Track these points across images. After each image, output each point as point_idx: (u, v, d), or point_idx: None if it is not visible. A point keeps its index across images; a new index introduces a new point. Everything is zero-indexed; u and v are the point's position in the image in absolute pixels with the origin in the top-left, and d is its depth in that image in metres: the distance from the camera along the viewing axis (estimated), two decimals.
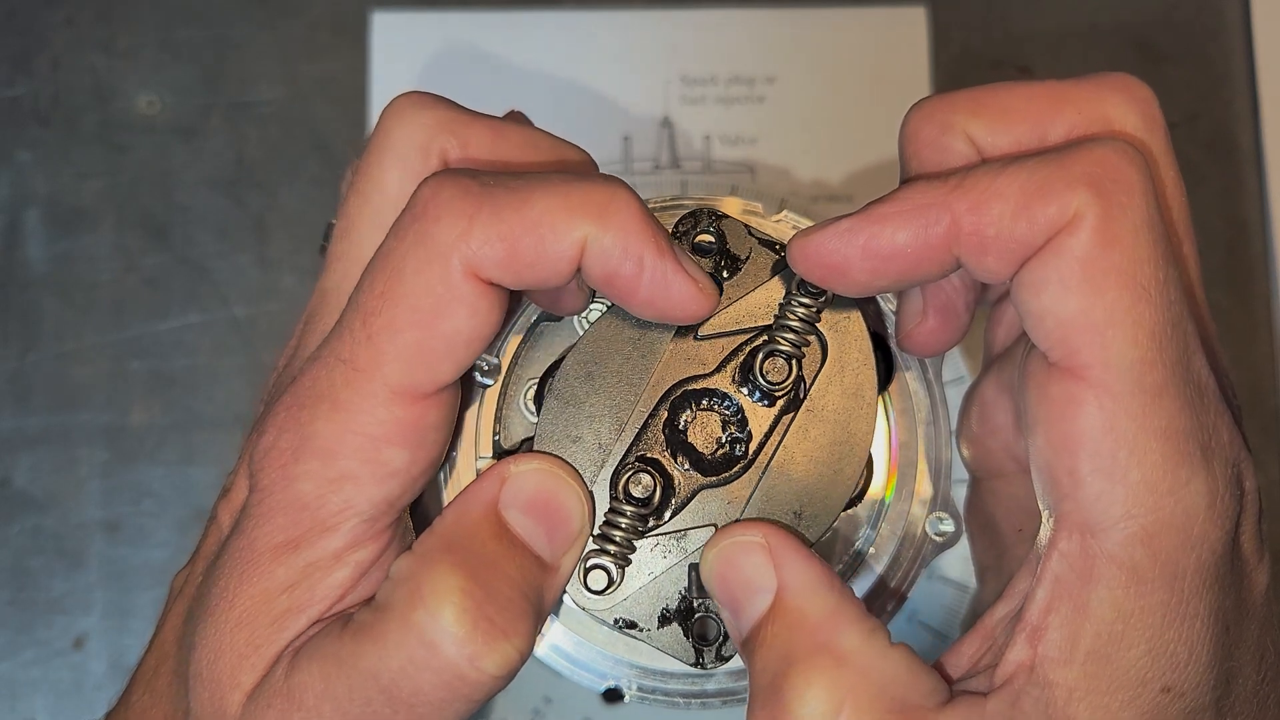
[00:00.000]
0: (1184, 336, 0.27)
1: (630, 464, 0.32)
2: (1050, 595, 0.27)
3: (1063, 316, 0.27)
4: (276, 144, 0.56)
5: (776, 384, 0.32)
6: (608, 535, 0.32)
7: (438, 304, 0.28)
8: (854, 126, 0.55)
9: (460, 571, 0.28)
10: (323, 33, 0.57)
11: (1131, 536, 0.26)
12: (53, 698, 0.51)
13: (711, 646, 0.33)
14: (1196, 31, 0.56)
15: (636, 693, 0.36)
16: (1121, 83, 0.30)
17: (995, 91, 0.30)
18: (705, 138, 0.55)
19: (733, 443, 0.33)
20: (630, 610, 0.32)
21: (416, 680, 0.28)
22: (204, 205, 0.55)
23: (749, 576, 0.30)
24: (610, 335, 0.32)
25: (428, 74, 0.56)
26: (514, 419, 0.35)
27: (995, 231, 0.27)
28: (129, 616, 0.52)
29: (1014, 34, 0.57)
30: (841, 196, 0.54)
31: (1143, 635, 0.27)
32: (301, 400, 0.29)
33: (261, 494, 0.30)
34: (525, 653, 0.28)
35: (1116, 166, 0.27)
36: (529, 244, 0.28)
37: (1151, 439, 0.26)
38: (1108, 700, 0.27)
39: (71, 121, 0.56)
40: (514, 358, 0.35)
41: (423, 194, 0.29)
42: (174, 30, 0.57)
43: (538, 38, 0.56)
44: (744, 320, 0.33)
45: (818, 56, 0.56)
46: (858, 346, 0.33)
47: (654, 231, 0.29)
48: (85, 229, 0.55)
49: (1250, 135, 0.55)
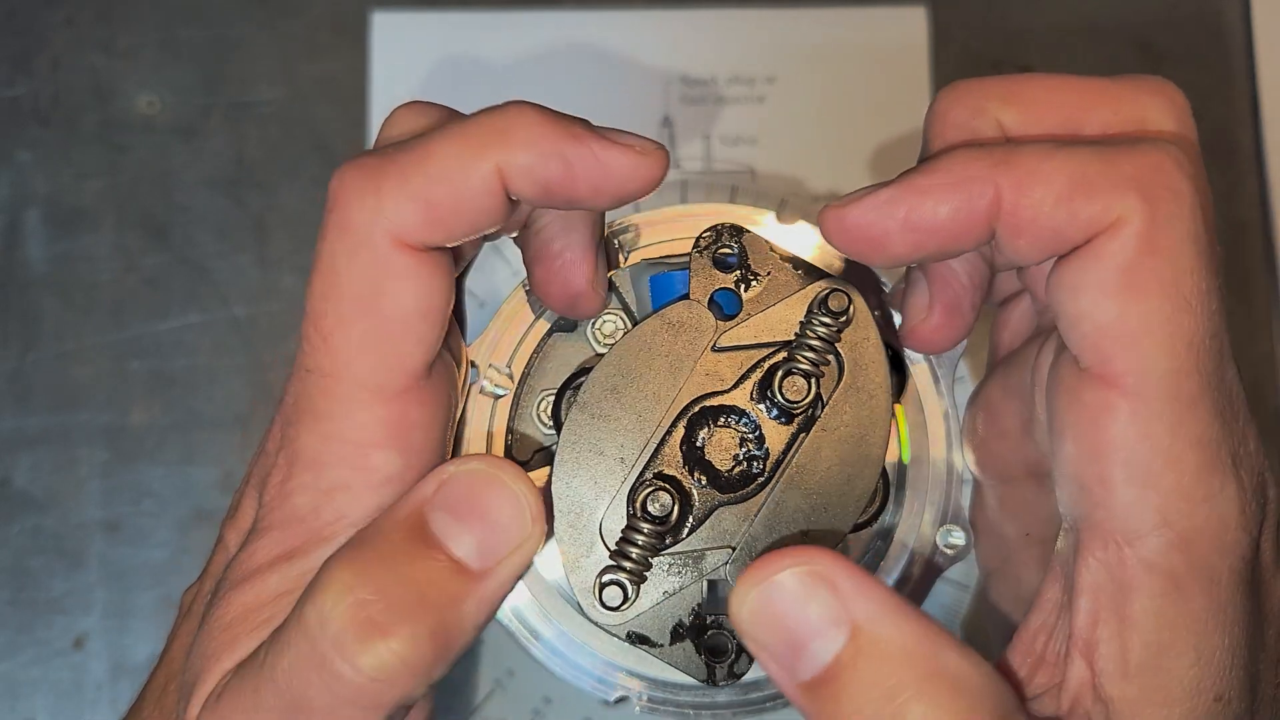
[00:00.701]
0: (1220, 347, 0.27)
1: (648, 480, 0.32)
2: (1093, 606, 0.27)
3: (1100, 322, 0.26)
4: (276, 144, 0.56)
5: (795, 402, 0.32)
6: (624, 552, 0.31)
7: (376, 286, 0.28)
8: (854, 126, 0.55)
9: (351, 567, 0.27)
10: (323, 33, 0.57)
11: (1168, 543, 0.26)
12: (53, 698, 0.51)
13: (724, 663, 0.32)
14: (1196, 31, 0.56)
15: (646, 704, 0.36)
16: (1159, 86, 0.29)
17: (1030, 81, 0.30)
18: (705, 138, 0.55)
19: (750, 460, 0.32)
20: (643, 625, 0.32)
21: (304, 681, 0.27)
22: (204, 205, 0.55)
23: (812, 614, 0.26)
24: (638, 349, 0.32)
25: (428, 74, 0.56)
26: (527, 430, 0.35)
27: (1033, 216, 0.27)
28: (129, 616, 0.52)
29: (1014, 34, 0.57)
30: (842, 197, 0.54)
31: (1189, 643, 0.26)
32: (288, 416, 0.29)
33: (264, 511, 0.29)
34: (408, 657, 0.26)
35: (1167, 172, 0.26)
36: (444, 194, 0.27)
37: (1186, 447, 0.26)
38: (1167, 713, 0.26)
39: (71, 121, 0.56)
40: (526, 369, 0.35)
41: (331, 186, 0.28)
42: (174, 30, 0.57)
43: (538, 38, 0.56)
44: (763, 335, 0.32)
45: (818, 56, 0.56)
46: (875, 368, 0.32)
47: (564, 124, 0.28)
48: (85, 229, 0.55)
49: (1250, 135, 0.55)
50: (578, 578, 0.32)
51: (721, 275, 0.33)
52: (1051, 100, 0.29)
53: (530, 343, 0.35)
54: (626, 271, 0.36)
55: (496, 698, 0.49)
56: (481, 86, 0.55)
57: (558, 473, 0.32)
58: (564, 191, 0.28)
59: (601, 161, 0.28)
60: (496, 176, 0.27)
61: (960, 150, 0.28)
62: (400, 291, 0.28)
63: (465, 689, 0.49)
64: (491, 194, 0.28)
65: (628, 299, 0.36)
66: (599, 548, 0.32)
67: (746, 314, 0.32)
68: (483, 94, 0.54)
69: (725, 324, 0.32)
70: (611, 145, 0.28)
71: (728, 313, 0.33)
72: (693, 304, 0.33)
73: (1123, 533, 0.26)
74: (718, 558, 0.32)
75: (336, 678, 0.26)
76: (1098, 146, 0.27)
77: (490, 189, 0.27)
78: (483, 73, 0.55)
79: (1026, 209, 0.27)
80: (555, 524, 0.32)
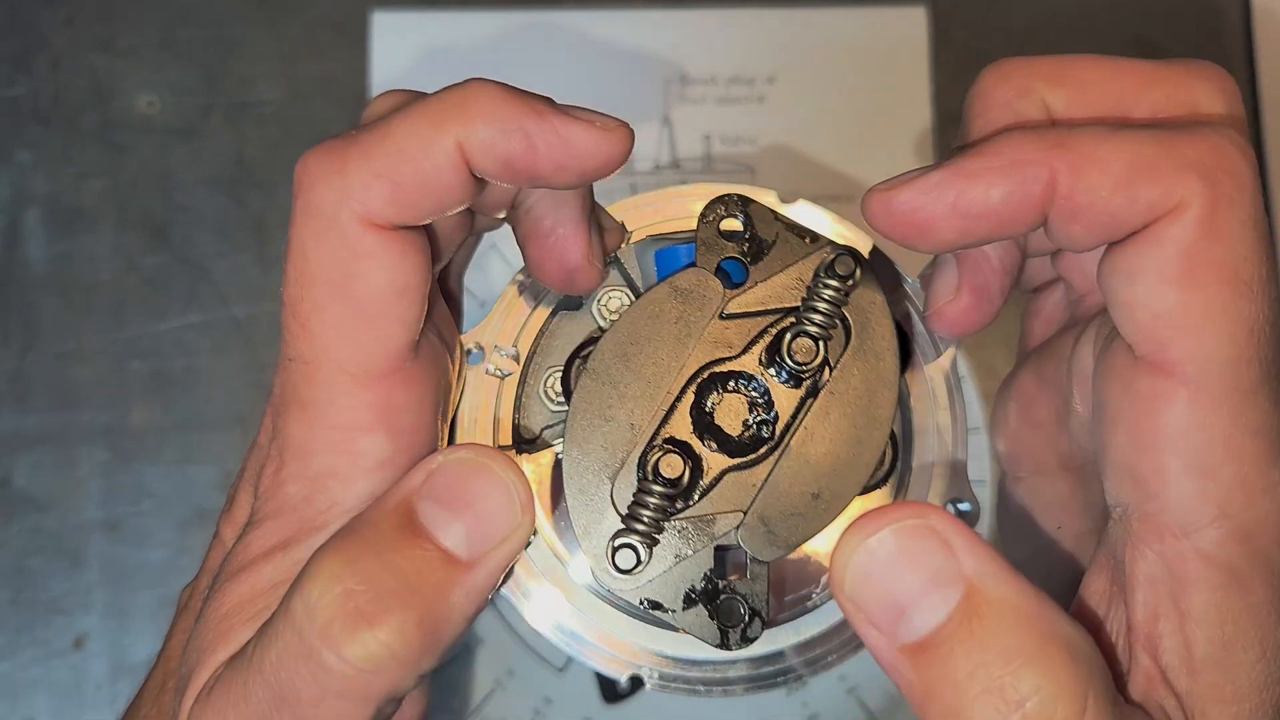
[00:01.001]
0: (1278, 334, 0.26)
1: (658, 445, 0.32)
2: (1151, 600, 0.26)
3: (1158, 310, 0.25)
4: (276, 144, 0.56)
5: (803, 365, 0.32)
6: (636, 515, 0.32)
7: (347, 268, 0.27)
8: (854, 126, 0.55)
9: (338, 557, 0.27)
10: (323, 33, 0.57)
11: (1227, 535, 0.25)
12: (53, 698, 0.51)
13: (736, 628, 0.32)
14: (1196, 31, 0.56)
15: (658, 681, 0.36)
16: (1210, 71, 0.28)
17: (1078, 62, 0.29)
18: (705, 138, 0.55)
19: (759, 425, 0.33)
20: (656, 591, 0.32)
21: (292, 673, 0.26)
22: (204, 205, 0.55)
23: (921, 573, 0.25)
24: (647, 316, 0.32)
25: (428, 74, 0.56)
26: (534, 408, 0.35)
27: (1089, 200, 0.26)
28: (129, 616, 0.52)
29: (1014, 34, 0.57)
30: (842, 196, 0.54)
31: (1254, 637, 0.26)
32: (276, 407, 0.29)
33: (259, 503, 0.29)
34: (396, 648, 0.26)
35: (1229, 157, 0.26)
36: (407, 171, 0.27)
37: (1246, 437, 0.25)
38: (1237, 709, 0.26)
39: (71, 121, 0.56)
40: (532, 349, 0.36)
41: (296, 172, 0.28)
42: (174, 30, 0.57)
43: (538, 38, 0.56)
44: (770, 302, 0.33)
45: (818, 56, 0.56)
46: (881, 331, 0.33)
47: (525, 100, 0.27)
48: (85, 229, 0.55)
49: (1250, 135, 0.55)
50: (590, 543, 0.32)
51: (728, 244, 0.33)
52: (1101, 82, 0.28)
53: (535, 323, 0.36)
54: (632, 247, 0.36)
55: (496, 698, 0.49)
56: None
57: (569, 440, 0.32)
58: (527, 167, 0.27)
59: (563, 137, 0.27)
60: (458, 151, 0.27)
61: (1013, 132, 0.27)
62: (372, 271, 0.27)
63: (465, 689, 0.49)
64: (454, 169, 0.27)
65: (633, 274, 0.36)
66: (610, 513, 0.32)
67: (753, 281, 0.33)
68: None
69: (733, 291, 0.33)
70: (574, 121, 0.28)
71: (735, 281, 0.33)
72: (701, 271, 0.33)
73: (1179, 525, 0.26)
74: (728, 522, 0.32)
75: (323, 669, 0.26)
76: (1155, 130, 0.26)
77: (453, 164, 0.27)
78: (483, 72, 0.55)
79: (1083, 193, 0.26)
80: (566, 490, 0.32)
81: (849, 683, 0.48)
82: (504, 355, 0.35)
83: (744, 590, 0.32)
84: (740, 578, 0.33)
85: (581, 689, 0.49)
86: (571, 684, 0.49)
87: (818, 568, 0.36)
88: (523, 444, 0.35)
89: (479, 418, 0.35)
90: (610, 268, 0.35)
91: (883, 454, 0.34)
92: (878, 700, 0.48)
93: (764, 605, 0.32)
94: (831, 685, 0.48)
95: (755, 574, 0.32)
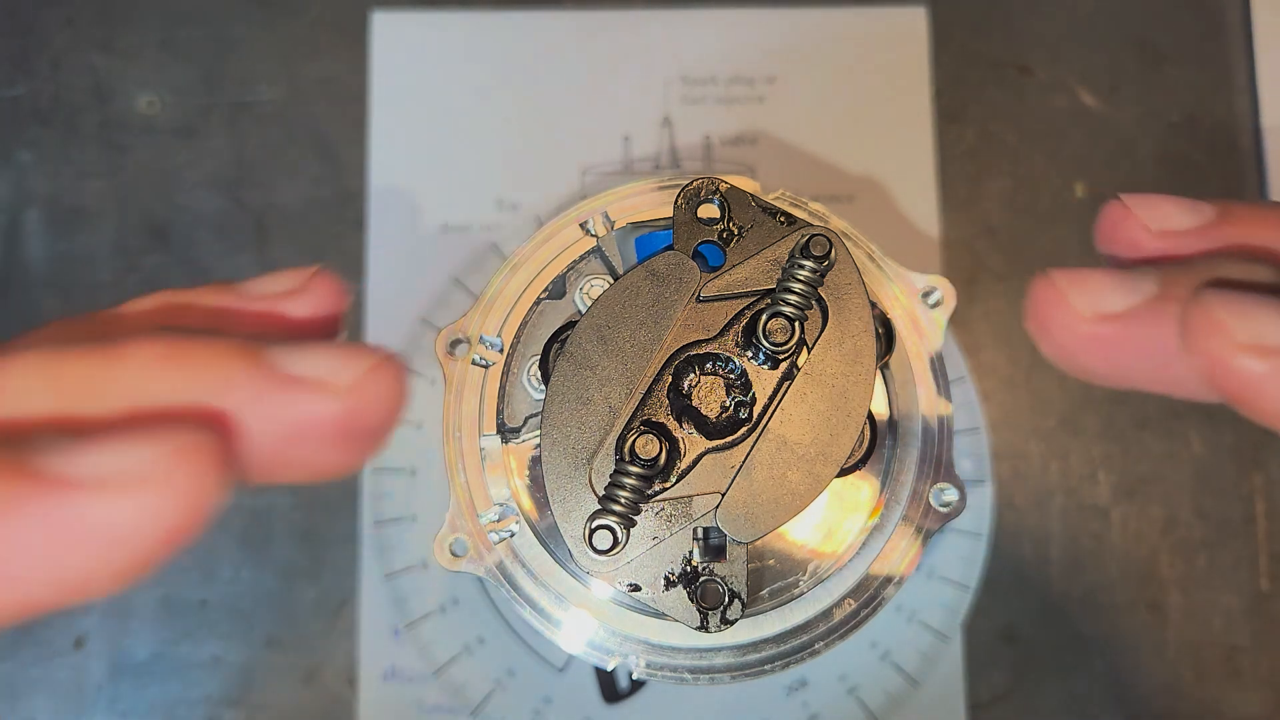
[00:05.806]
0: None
1: (635, 427, 0.32)
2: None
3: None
4: (276, 144, 0.56)
5: (779, 345, 0.32)
6: (613, 496, 0.32)
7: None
8: (854, 126, 0.55)
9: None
10: (323, 33, 0.57)
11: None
12: (53, 698, 0.51)
13: (716, 610, 0.33)
14: (1196, 31, 0.56)
15: (645, 669, 0.36)
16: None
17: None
18: (705, 138, 0.55)
19: (736, 406, 0.33)
20: (635, 574, 0.32)
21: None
22: (204, 205, 0.55)
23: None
24: (625, 299, 0.33)
25: (428, 74, 0.56)
26: (518, 395, 0.36)
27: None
28: (129, 617, 0.52)
29: (1014, 34, 0.57)
30: (842, 197, 0.54)
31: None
32: None
33: None
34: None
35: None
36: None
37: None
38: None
39: (71, 121, 0.56)
40: (516, 335, 0.36)
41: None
42: (174, 30, 0.57)
43: (538, 38, 0.56)
44: (747, 284, 0.33)
45: (818, 56, 0.56)
46: (858, 314, 0.33)
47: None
48: (85, 229, 0.55)
49: (1250, 135, 0.55)
50: (568, 525, 0.32)
51: (704, 228, 0.33)
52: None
53: (519, 312, 0.36)
54: (613, 235, 0.36)
55: (496, 698, 0.49)
56: (482, 86, 0.55)
57: (546, 422, 0.32)
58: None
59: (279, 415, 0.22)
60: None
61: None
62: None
63: (465, 689, 0.49)
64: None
65: (614, 262, 0.36)
66: (588, 495, 0.32)
67: (730, 264, 0.33)
68: (483, 94, 0.54)
69: (709, 275, 0.33)
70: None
71: (712, 265, 0.33)
72: (677, 254, 0.33)
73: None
74: (707, 503, 0.32)
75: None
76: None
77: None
78: (483, 72, 0.55)
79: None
80: (545, 474, 0.32)
81: (849, 683, 0.48)
82: (488, 346, 0.35)
83: (723, 572, 0.32)
84: (719, 560, 0.33)
85: (581, 689, 0.49)
86: (571, 684, 0.49)
87: (805, 555, 0.37)
88: (508, 432, 0.35)
89: (464, 407, 0.35)
90: (593, 256, 0.36)
91: (861, 435, 0.34)
92: (878, 700, 0.48)
93: (743, 587, 0.32)
94: (832, 685, 0.48)
95: (734, 556, 0.33)
